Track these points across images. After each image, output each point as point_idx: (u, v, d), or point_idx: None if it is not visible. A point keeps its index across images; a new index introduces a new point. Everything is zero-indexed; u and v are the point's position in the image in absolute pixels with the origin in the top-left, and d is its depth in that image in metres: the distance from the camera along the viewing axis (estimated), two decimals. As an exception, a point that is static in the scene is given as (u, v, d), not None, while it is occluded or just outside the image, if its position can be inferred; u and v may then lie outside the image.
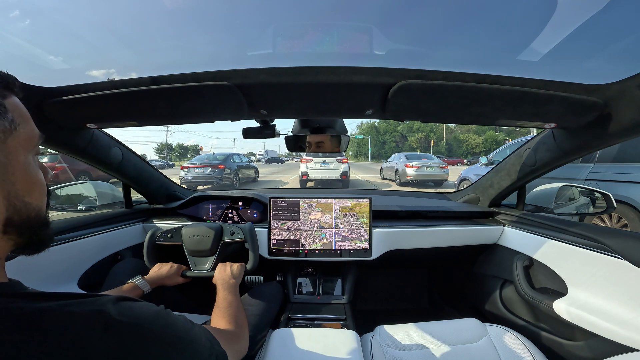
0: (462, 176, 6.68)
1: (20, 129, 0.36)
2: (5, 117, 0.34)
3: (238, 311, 0.77)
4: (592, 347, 0.88)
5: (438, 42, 0.74)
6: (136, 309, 0.36)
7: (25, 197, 0.36)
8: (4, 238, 0.35)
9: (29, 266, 0.84)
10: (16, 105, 0.37)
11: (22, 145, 0.36)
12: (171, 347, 0.36)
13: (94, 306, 0.33)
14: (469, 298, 1.51)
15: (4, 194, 0.34)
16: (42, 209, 0.39)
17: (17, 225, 0.35)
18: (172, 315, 0.40)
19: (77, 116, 0.86)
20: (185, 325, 0.40)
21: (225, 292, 0.84)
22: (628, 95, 0.68)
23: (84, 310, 0.32)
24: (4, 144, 0.34)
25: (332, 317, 1.17)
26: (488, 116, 0.84)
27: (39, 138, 0.39)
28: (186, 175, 8.81)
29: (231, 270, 0.96)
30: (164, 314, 0.38)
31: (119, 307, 0.34)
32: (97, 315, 0.32)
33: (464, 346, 0.92)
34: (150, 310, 0.37)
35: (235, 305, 0.80)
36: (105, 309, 0.33)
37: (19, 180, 0.35)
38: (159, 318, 0.37)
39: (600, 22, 0.59)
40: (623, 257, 0.82)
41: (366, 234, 1.25)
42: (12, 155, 0.34)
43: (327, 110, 0.91)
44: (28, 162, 0.37)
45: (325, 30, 0.70)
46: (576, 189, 1.31)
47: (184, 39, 0.76)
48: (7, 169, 0.34)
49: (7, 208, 0.34)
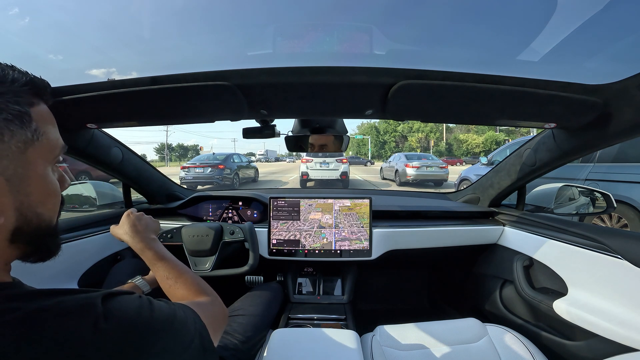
0: (462, 176, 6.68)
1: (44, 139, 0.35)
2: (29, 127, 0.33)
3: (190, 273, 0.64)
4: (592, 347, 0.88)
5: (438, 41, 0.74)
6: (123, 302, 0.36)
7: (38, 208, 0.35)
8: (11, 246, 0.34)
9: (29, 266, 0.84)
10: (42, 115, 0.35)
11: (43, 156, 0.35)
12: (162, 332, 0.36)
13: (84, 300, 0.33)
14: (469, 298, 1.51)
15: (17, 204, 0.33)
16: (52, 220, 0.39)
17: (26, 234, 0.35)
18: (155, 302, 0.39)
19: (77, 116, 0.86)
20: (169, 308, 0.40)
21: (158, 253, 0.66)
22: (628, 95, 0.68)
23: (76, 305, 0.32)
24: (24, 154, 0.33)
25: (332, 317, 1.17)
26: (488, 116, 0.84)
27: (62, 149, 0.38)
28: (186, 175, 8.81)
29: (139, 221, 0.74)
30: (146, 302, 0.38)
31: (108, 302, 0.34)
32: (87, 310, 0.32)
33: (464, 346, 0.92)
34: (134, 301, 0.37)
35: (181, 265, 0.65)
36: (94, 303, 0.32)
37: (34, 192, 0.34)
38: (144, 307, 0.37)
39: (600, 22, 0.59)
40: (623, 257, 0.82)
41: (366, 234, 1.25)
42: (31, 167, 0.34)
43: (327, 110, 0.91)
44: (46, 173, 0.36)
45: (325, 30, 0.70)
46: (576, 189, 1.31)
47: (184, 39, 0.76)
48: (23, 180, 0.33)
49: (18, 218, 0.33)
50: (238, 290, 1.15)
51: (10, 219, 0.33)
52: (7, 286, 0.34)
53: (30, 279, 0.38)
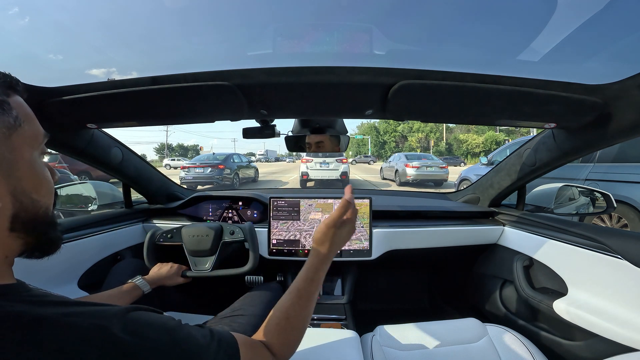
0: (462, 176, 6.69)
1: (25, 126, 0.36)
2: (10, 114, 0.34)
3: (307, 314, 0.56)
4: (592, 347, 0.88)
5: (438, 41, 0.74)
6: (144, 323, 0.35)
7: (33, 193, 0.36)
8: (11, 236, 0.35)
9: (29, 266, 0.84)
10: (20, 104, 0.37)
11: (27, 142, 0.36)
12: None
13: (97, 320, 0.32)
14: (469, 298, 1.51)
15: (10, 189, 0.34)
16: (49, 208, 0.39)
17: (24, 222, 0.35)
18: (185, 333, 0.38)
19: (77, 116, 0.86)
20: (198, 345, 0.38)
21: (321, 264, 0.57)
22: (628, 95, 0.68)
23: (85, 323, 0.31)
24: (9, 139, 0.34)
25: (332, 317, 1.17)
26: (488, 116, 0.84)
27: (44, 136, 0.39)
28: (186, 175, 8.82)
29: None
30: (175, 328, 0.37)
31: (126, 321, 0.33)
32: (98, 331, 0.31)
33: (464, 346, 0.92)
34: (159, 325, 0.36)
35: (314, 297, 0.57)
36: (109, 325, 0.31)
37: (25, 176, 0.35)
38: (168, 333, 0.36)
39: (600, 22, 0.59)
40: (623, 257, 0.82)
41: (366, 234, 1.25)
42: (17, 152, 0.35)
43: (327, 110, 0.91)
44: (34, 159, 0.37)
45: (325, 30, 0.70)
46: (576, 189, 1.31)
47: (184, 39, 0.76)
48: (12, 165, 0.34)
49: (14, 204, 0.34)
50: (238, 290, 1.15)
51: (7, 205, 0.33)
52: (10, 289, 0.33)
53: (30, 279, 0.38)
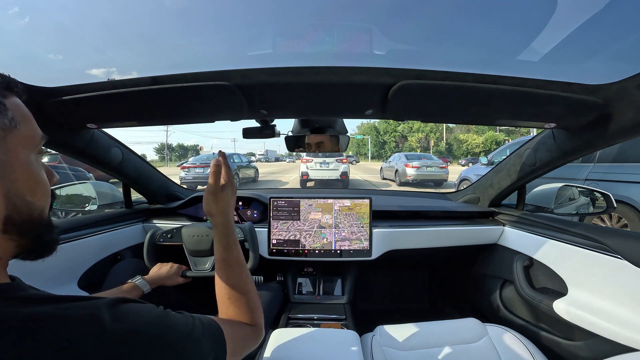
0: (462, 176, 6.69)
1: (21, 127, 0.36)
2: (5, 115, 0.34)
3: (247, 286, 0.59)
4: (592, 347, 0.88)
5: (438, 41, 0.74)
6: (132, 313, 0.35)
7: (27, 196, 0.36)
8: (4, 237, 0.34)
9: (28, 267, 0.84)
10: (17, 105, 0.37)
11: (23, 143, 0.36)
12: (168, 350, 0.35)
13: (89, 310, 0.32)
14: (469, 298, 1.51)
15: (4, 191, 0.33)
16: (44, 210, 0.39)
17: (17, 224, 0.35)
18: (172, 317, 0.39)
19: (77, 116, 0.86)
20: (185, 326, 0.39)
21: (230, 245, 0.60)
22: (628, 95, 0.68)
23: (79, 314, 0.31)
24: (4, 141, 0.34)
25: (332, 317, 1.17)
26: (488, 116, 0.84)
27: (42, 138, 0.39)
28: (186, 175, 8.81)
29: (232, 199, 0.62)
30: (161, 316, 0.38)
31: (115, 311, 0.33)
32: (91, 320, 0.31)
33: (464, 346, 0.92)
34: (147, 312, 0.37)
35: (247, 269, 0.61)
36: (99, 314, 0.32)
37: (20, 178, 0.35)
38: (156, 321, 0.36)
39: (600, 22, 0.59)
40: (623, 257, 0.82)
41: (366, 234, 1.25)
42: (13, 153, 0.34)
43: (327, 110, 0.91)
44: (30, 160, 0.37)
45: (325, 30, 0.70)
46: (576, 189, 1.31)
47: (184, 39, 0.76)
48: (6, 167, 0.34)
49: (7, 206, 0.34)
50: None
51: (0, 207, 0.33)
52: (5, 288, 0.33)
53: (29, 279, 0.38)
